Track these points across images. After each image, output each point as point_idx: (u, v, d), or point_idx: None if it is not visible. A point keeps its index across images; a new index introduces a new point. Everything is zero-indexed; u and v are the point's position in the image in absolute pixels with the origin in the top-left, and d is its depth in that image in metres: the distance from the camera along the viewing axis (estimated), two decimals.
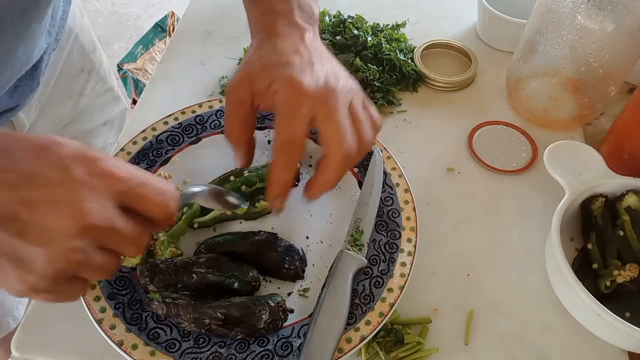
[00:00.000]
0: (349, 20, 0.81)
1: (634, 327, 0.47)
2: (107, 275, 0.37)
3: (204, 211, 0.58)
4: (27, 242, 0.32)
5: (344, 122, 0.48)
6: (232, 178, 0.60)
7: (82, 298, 0.50)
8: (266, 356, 0.48)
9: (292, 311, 0.51)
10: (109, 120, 0.89)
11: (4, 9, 0.50)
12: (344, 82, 0.51)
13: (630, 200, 0.57)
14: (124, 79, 1.77)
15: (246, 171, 0.60)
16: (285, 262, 0.54)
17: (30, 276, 0.33)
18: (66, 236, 0.33)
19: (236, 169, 0.60)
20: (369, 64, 0.75)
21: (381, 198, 0.59)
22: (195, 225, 0.58)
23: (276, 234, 0.57)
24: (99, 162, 0.35)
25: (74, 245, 0.33)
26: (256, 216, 0.60)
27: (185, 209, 0.57)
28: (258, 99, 0.50)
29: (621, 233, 0.56)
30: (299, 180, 0.62)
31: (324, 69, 0.51)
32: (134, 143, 0.63)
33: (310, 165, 0.65)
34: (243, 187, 0.60)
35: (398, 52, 0.77)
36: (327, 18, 0.83)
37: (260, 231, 0.57)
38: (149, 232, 0.39)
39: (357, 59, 0.74)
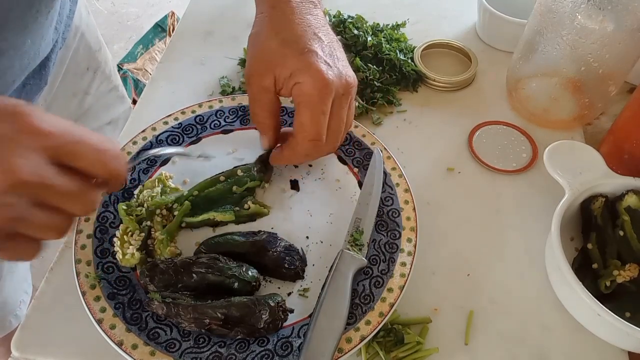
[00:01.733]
0: (349, 20, 0.81)
1: (634, 327, 0.47)
2: (57, 234, 0.37)
3: (194, 211, 0.58)
4: None
5: (343, 116, 0.51)
6: (222, 178, 0.60)
7: (82, 298, 0.50)
8: (266, 356, 0.48)
9: (292, 311, 0.51)
10: (114, 119, 0.89)
11: (10, 2, 0.50)
12: (351, 73, 0.52)
13: (630, 200, 0.57)
14: (124, 79, 1.77)
15: (238, 170, 0.60)
16: (285, 262, 0.54)
17: None
18: None
19: (220, 175, 0.61)
20: (369, 64, 0.75)
21: (381, 198, 0.59)
22: (183, 225, 0.58)
23: (276, 234, 0.57)
24: (28, 118, 0.35)
25: (4, 200, 0.33)
26: (246, 220, 0.59)
27: (176, 205, 0.57)
28: (280, 86, 0.51)
29: (621, 233, 0.56)
30: (299, 189, 0.63)
31: (340, 58, 0.52)
32: (134, 143, 0.63)
33: (310, 165, 0.65)
34: (234, 188, 0.60)
35: (398, 52, 0.77)
36: (327, 18, 0.83)
37: (260, 231, 0.57)
38: (95, 190, 0.38)
39: (357, 59, 0.74)
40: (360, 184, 0.62)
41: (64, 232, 0.38)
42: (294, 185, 0.63)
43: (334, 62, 0.51)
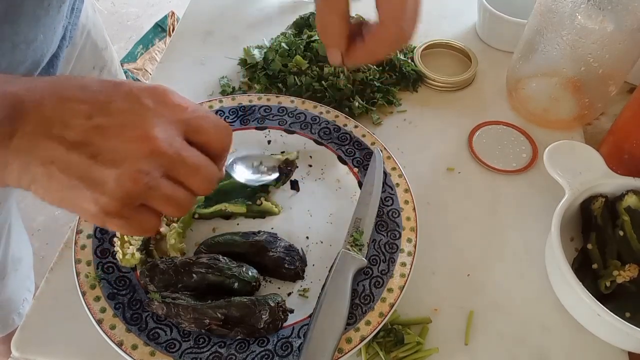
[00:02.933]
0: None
1: (634, 327, 0.47)
2: (178, 211, 0.38)
3: (207, 203, 0.59)
4: (100, 164, 0.34)
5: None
6: None
7: (82, 298, 0.50)
8: (266, 356, 0.48)
9: (292, 311, 0.51)
10: None
11: None
12: None
13: (630, 200, 0.57)
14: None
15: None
16: (285, 262, 0.54)
17: (102, 197, 0.34)
18: (134, 158, 0.35)
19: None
20: (369, 64, 0.75)
21: (381, 198, 0.59)
22: (196, 216, 0.59)
23: (276, 234, 0.57)
24: (167, 94, 0.37)
25: (141, 167, 0.35)
26: (257, 215, 0.60)
27: None
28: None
29: (621, 233, 0.56)
30: (298, 189, 0.63)
31: None
32: None
33: (310, 165, 0.65)
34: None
35: (398, 52, 0.77)
36: None
37: (260, 231, 0.57)
38: (214, 167, 0.40)
39: None
40: (360, 184, 0.62)
41: (186, 209, 0.39)
42: (294, 185, 0.63)
43: None
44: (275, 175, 0.58)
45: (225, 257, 0.53)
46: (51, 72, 0.64)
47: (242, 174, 0.56)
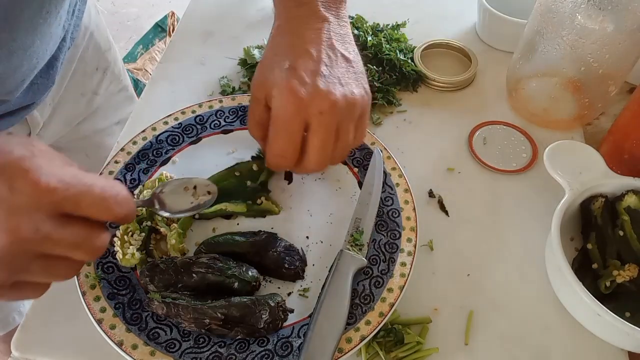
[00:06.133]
0: (349, 20, 0.81)
1: (634, 327, 0.47)
2: (64, 279, 0.38)
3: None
4: None
5: (326, 140, 0.50)
6: (236, 173, 0.61)
7: (82, 298, 0.50)
8: (266, 356, 0.48)
9: (292, 311, 0.51)
10: (123, 119, 0.89)
11: (22, 3, 0.50)
12: (347, 91, 0.50)
13: (630, 200, 0.57)
14: None
15: (254, 164, 0.62)
16: (285, 262, 0.54)
17: None
18: None
19: (237, 164, 0.62)
20: (369, 64, 0.75)
21: (381, 198, 0.59)
22: (196, 216, 0.59)
23: (276, 234, 0.57)
24: (29, 175, 0.34)
25: (7, 259, 0.34)
26: (257, 214, 0.60)
27: None
28: (269, 101, 0.51)
29: (621, 233, 0.56)
30: (291, 180, 0.63)
31: (332, 74, 0.50)
32: (134, 143, 0.63)
33: None
34: (248, 182, 0.61)
35: (398, 52, 0.77)
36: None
37: (260, 231, 0.57)
38: (102, 233, 0.38)
39: None
40: (360, 184, 0.62)
41: (72, 276, 0.38)
42: (287, 176, 0.63)
43: (315, 78, 0.48)
44: (212, 199, 0.52)
45: (225, 257, 0.53)
46: (50, 73, 0.64)
47: (169, 205, 0.50)
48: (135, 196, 0.58)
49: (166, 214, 0.50)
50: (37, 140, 0.38)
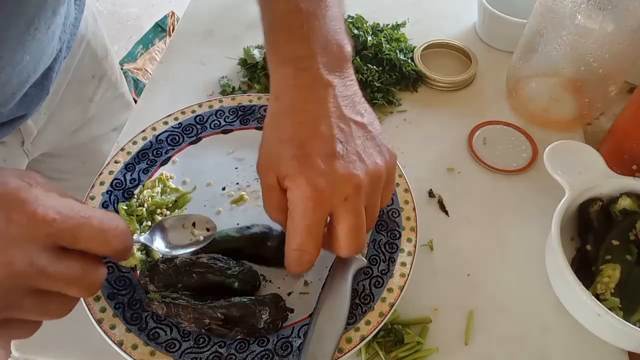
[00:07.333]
0: (349, 20, 0.81)
1: (634, 327, 0.47)
2: (57, 316, 0.37)
3: None
4: None
5: (356, 224, 0.44)
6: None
7: (82, 298, 0.50)
8: (266, 356, 0.48)
9: (292, 311, 0.51)
10: (119, 126, 0.88)
11: (8, 21, 0.49)
12: (369, 165, 0.45)
13: (625, 203, 0.57)
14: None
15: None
16: (283, 250, 0.54)
17: None
18: None
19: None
20: (368, 64, 0.75)
21: None
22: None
23: (269, 226, 0.56)
24: (26, 206, 0.33)
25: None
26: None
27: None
28: (284, 185, 0.46)
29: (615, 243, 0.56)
30: None
31: (349, 151, 0.45)
32: (134, 143, 0.63)
33: None
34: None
35: (398, 52, 0.77)
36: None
37: (253, 225, 0.56)
38: (99, 268, 0.37)
39: (357, 59, 0.74)
40: None
41: (65, 314, 0.37)
42: None
43: (332, 163, 0.43)
44: (211, 236, 0.51)
45: (225, 257, 0.53)
46: (45, 84, 0.63)
47: (167, 242, 0.49)
48: (135, 196, 0.58)
49: (165, 251, 0.49)
50: (33, 172, 0.37)
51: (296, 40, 0.48)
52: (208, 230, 0.51)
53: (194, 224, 0.52)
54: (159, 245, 0.49)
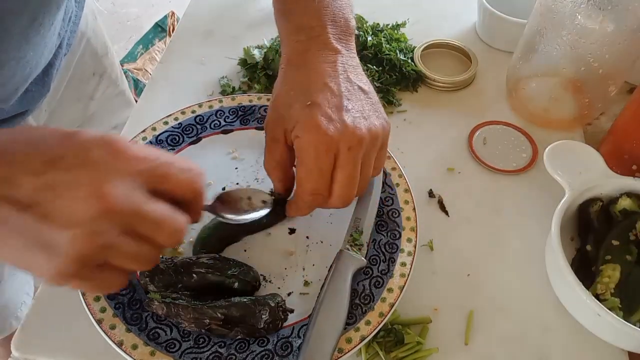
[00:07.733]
0: None
1: (634, 327, 0.47)
2: (144, 265, 0.37)
3: None
4: (52, 225, 0.32)
5: (351, 171, 0.48)
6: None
7: (82, 298, 0.50)
8: (266, 356, 0.48)
9: (292, 311, 0.51)
10: (120, 124, 0.89)
11: (12, 16, 0.50)
12: (370, 125, 0.49)
13: (625, 203, 0.57)
14: None
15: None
16: (278, 209, 0.53)
17: (57, 259, 0.33)
18: (87, 218, 0.32)
19: None
20: (368, 64, 0.75)
21: (381, 198, 0.59)
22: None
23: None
24: (121, 145, 0.35)
25: (95, 227, 0.33)
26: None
27: None
28: (290, 139, 0.49)
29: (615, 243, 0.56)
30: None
31: (355, 108, 0.49)
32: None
33: None
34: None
35: (398, 52, 0.77)
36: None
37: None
38: (182, 218, 0.37)
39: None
40: None
41: (152, 264, 0.37)
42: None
43: (341, 114, 0.47)
44: (266, 210, 0.52)
45: (225, 258, 0.53)
46: (46, 80, 0.63)
47: (227, 212, 0.51)
48: None
49: (230, 216, 0.50)
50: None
51: (309, 12, 0.53)
52: (264, 202, 0.52)
53: (249, 198, 0.53)
54: (222, 211, 0.50)
